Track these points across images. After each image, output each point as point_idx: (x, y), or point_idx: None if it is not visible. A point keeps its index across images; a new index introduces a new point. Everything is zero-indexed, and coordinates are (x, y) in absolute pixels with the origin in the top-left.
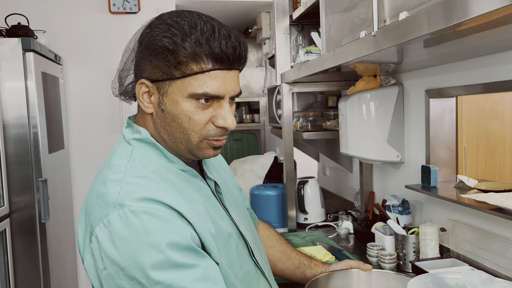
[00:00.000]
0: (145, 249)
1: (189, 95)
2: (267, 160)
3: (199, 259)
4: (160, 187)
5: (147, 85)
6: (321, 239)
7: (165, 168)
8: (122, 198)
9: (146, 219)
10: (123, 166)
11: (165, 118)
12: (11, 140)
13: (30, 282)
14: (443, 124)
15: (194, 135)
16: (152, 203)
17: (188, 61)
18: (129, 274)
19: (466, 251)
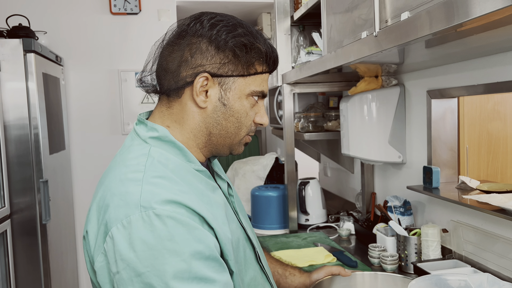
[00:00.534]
0: (168, 256)
1: (251, 92)
2: (268, 161)
3: (219, 273)
4: (181, 188)
5: (207, 79)
6: (323, 240)
7: (184, 168)
8: (146, 199)
9: (172, 224)
10: (142, 165)
11: (224, 113)
12: (12, 141)
13: (31, 283)
14: (445, 124)
15: (244, 130)
16: (177, 207)
17: (256, 61)
18: (146, 281)
19: (468, 252)
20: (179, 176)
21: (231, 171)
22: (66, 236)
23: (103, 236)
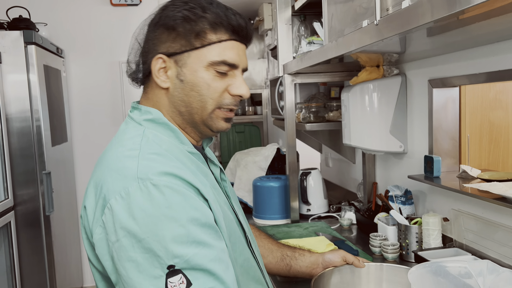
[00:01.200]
0: (167, 222)
1: (209, 64)
2: (269, 152)
3: (216, 239)
4: (176, 164)
5: (164, 60)
6: (324, 230)
7: (177, 149)
8: (143, 172)
9: (169, 193)
10: (137, 144)
11: (183, 89)
12: (14, 134)
13: (35, 274)
14: (446, 114)
15: (211, 103)
16: (173, 178)
17: (208, 31)
18: (146, 246)
19: (469, 240)
20: (173, 155)
21: (233, 162)
22: (69, 227)
23: (101, 209)
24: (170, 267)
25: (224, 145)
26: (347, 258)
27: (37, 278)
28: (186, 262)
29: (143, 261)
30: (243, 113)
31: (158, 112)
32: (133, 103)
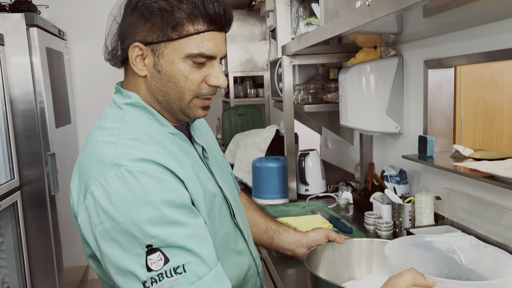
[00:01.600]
0: (142, 206)
1: (186, 56)
2: (269, 133)
3: (191, 217)
4: (153, 149)
5: (140, 48)
6: (321, 209)
7: (156, 131)
8: (119, 158)
9: (142, 178)
10: (116, 129)
11: (161, 79)
12: (19, 116)
13: (42, 252)
14: (441, 94)
15: (188, 94)
16: (147, 163)
17: (185, 23)
18: (124, 229)
19: (460, 218)
20: (152, 138)
21: (233, 143)
22: None
23: (84, 194)
24: (148, 246)
25: (226, 128)
26: (329, 235)
27: (43, 255)
28: (162, 241)
29: (124, 241)
30: (245, 96)
31: (137, 96)
32: (116, 85)
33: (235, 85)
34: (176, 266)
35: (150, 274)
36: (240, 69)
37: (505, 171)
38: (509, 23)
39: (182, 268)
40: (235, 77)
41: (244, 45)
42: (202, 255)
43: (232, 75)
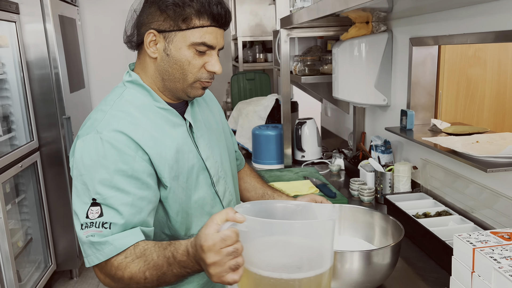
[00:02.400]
0: (99, 168)
1: (191, 44)
2: (269, 102)
3: (136, 188)
4: (133, 121)
5: (154, 35)
6: (312, 175)
7: (148, 106)
8: (101, 126)
9: (108, 147)
10: (112, 101)
11: (169, 62)
12: (35, 80)
13: (61, 206)
14: (424, 70)
15: (190, 76)
16: (118, 135)
17: (193, 17)
18: (83, 180)
19: (433, 187)
20: (141, 112)
21: (236, 111)
22: None
23: (75, 143)
24: (93, 199)
25: (235, 92)
26: (316, 200)
27: (62, 210)
28: (104, 200)
29: (80, 189)
30: (253, 61)
31: (136, 75)
32: (128, 65)
33: (244, 49)
34: (104, 222)
35: (86, 220)
36: (249, 34)
37: (463, 147)
38: (488, 6)
39: (108, 225)
40: (244, 42)
41: (253, 9)
42: (128, 221)
43: (241, 40)
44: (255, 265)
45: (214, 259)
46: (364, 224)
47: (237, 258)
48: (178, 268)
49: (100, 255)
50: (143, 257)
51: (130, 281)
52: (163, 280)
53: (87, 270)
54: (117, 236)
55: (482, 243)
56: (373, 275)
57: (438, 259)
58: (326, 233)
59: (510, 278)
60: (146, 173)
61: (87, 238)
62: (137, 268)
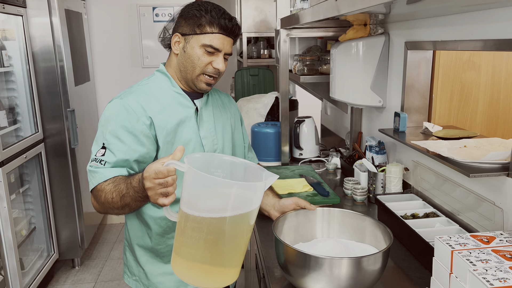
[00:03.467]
0: (111, 122)
1: (202, 45)
2: (269, 100)
3: (132, 142)
4: (150, 96)
5: (179, 37)
6: (308, 173)
7: (166, 89)
8: (125, 95)
9: (121, 108)
10: (140, 82)
11: (184, 56)
12: (41, 73)
13: (64, 197)
14: (419, 74)
15: (198, 69)
16: (133, 102)
17: (206, 25)
18: (101, 129)
19: (423, 188)
20: (159, 91)
21: None
22: None
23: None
24: (103, 143)
25: (239, 88)
26: (299, 203)
27: (65, 201)
28: (108, 145)
29: (98, 136)
30: (258, 56)
31: (163, 66)
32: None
33: (248, 45)
34: (102, 160)
35: (94, 157)
36: (254, 30)
37: (449, 151)
38: (483, 14)
39: (104, 162)
40: (248, 38)
41: (259, 5)
42: (117, 163)
43: (245, 35)
44: (190, 207)
45: (148, 185)
46: (354, 228)
47: (167, 188)
48: (133, 192)
49: (94, 180)
50: (115, 183)
51: (104, 200)
52: (124, 201)
53: (89, 259)
54: (106, 169)
55: (461, 245)
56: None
57: (422, 259)
58: (254, 192)
59: (483, 280)
60: (143, 134)
61: (88, 168)
62: (108, 189)
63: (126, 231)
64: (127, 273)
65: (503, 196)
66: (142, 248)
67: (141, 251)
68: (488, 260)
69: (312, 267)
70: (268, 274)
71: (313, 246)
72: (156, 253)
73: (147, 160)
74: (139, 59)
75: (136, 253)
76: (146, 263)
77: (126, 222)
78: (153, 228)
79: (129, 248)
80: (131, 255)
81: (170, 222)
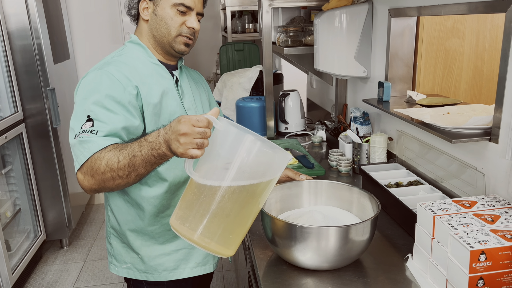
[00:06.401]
0: (94, 92)
1: (173, 4)
2: (253, 74)
3: (120, 110)
4: (129, 67)
5: (147, 2)
6: (294, 146)
7: (143, 60)
8: (101, 66)
9: (104, 77)
10: (112, 54)
11: (156, 20)
12: (17, 51)
13: (49, 179)
14: (402, 42)
15: (173, 30)
16: (115, 71)
17: None
18: (81, 103)
19: (407, 157)
20: (136, 62)
21: (220, 83)
22: None
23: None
24: (88, 116)
25: (224, 64)
26: (288, 174)
27: (50, 182)
28: (96, 115)
29: (78, 111)
30: (243, 31)
31: (135, 36)
32: (130, 35)
33: (233, 19)
34: (93, 130)
35: (80, 130)
36: (238, 3)
37: (432, 118)
38: None
39: (96, 131)
40: (232, 12)
41: None
42: (111, 131)
43: (229, 9)
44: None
45: (185, 130)
46: (341, 199)
47: (203, 139)
48: (147, 149)
49: (86, 152)
50: (119, 147)
51: (106, 168)
52: (133, 164)
53: (77, 239)
54: (100, 138)
55: (443, 211)
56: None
57: (406, 227)
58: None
59: (463, 243)
60: (131, 105)
61: (76, 139)
62: (112, 154)
63: (111, 218)
64: (114, 263)
65: (484, 161)
66: (134, 232)
67: (134, 236)
68: (470, 224)
69: (299, 238)
70: (252, 246)
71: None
72: (151, 235)
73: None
74: (120, 36)
75: (129, 239)
76: (141, 248)
77: (110, 208)
78: (146, 209)
79: (117, 235)
80: (119, 243)
81: (164, 200)
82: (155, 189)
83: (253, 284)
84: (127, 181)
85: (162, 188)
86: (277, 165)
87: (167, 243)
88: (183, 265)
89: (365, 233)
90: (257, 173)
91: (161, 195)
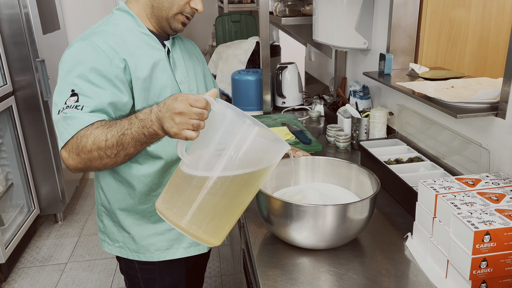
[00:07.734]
0: (79, 64)
1: None
2: (249, 46)
3: (106, 85)
4: (116, 37)
5: None
6: (291, 121)
7: (131, 29)
8: (86, 37)
9: (89, 48)
10: (98, 24)
11: None
12: (4, 21)
13: (41, 153)
14: (406, 12)
15: (176, 7)
16: (101, 42)
17: None
18: (65, 76)
19: (408, 133)
20: (124, 32)
21: (215, 55)
22: None
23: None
24: (72, 90)
25: (220, 35)
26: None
27: (42, 156)
28: (80, 90)
29: (61, 85)
30: (239, 1)
31: (123, 3)
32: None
33: None
34: (78, 105)
35: (64, 106)
36: None
37: (436, 92)
38: None
39: (81, 107)
40: None
41: None
42: (97, 107)
43: None
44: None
45: (183, 109)
46: (340, 176)
47: (200, 121)
48: (138, 127)
49: (71, 129)
50: (107, 125)
51: (92, 146)
52: (122, 143)
53: (72, 214)
54: (85, 114)
55: (445, 189)
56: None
57: (406, 205)
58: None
59: (467, 223)
60: (119, 79)
61: (60, 115)
62: (100, 131)
63: (101, 196)
64: (107, 241)
65: (490, 137)
66: (125, 211)
67: (124, 215)
68: (474, 203)
69: (295, 216)
70: (247, 223)
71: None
72: (142, 214)
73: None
74: (111, 5)
75: (119, 218)
76: (132, 227)
77: (100, 186)
78: (137, 187)
79: (108, 214)
80: (110, 221)
81: (156, 178)
82: (146, 167)
83: (248, 262)
84: (115, 161)
85: (155, 167)
86: (273, 155)
87: (159, 222)
88: (176, 245)
89: (363, 211)
90: (252, 162)
91: (152, 174)
